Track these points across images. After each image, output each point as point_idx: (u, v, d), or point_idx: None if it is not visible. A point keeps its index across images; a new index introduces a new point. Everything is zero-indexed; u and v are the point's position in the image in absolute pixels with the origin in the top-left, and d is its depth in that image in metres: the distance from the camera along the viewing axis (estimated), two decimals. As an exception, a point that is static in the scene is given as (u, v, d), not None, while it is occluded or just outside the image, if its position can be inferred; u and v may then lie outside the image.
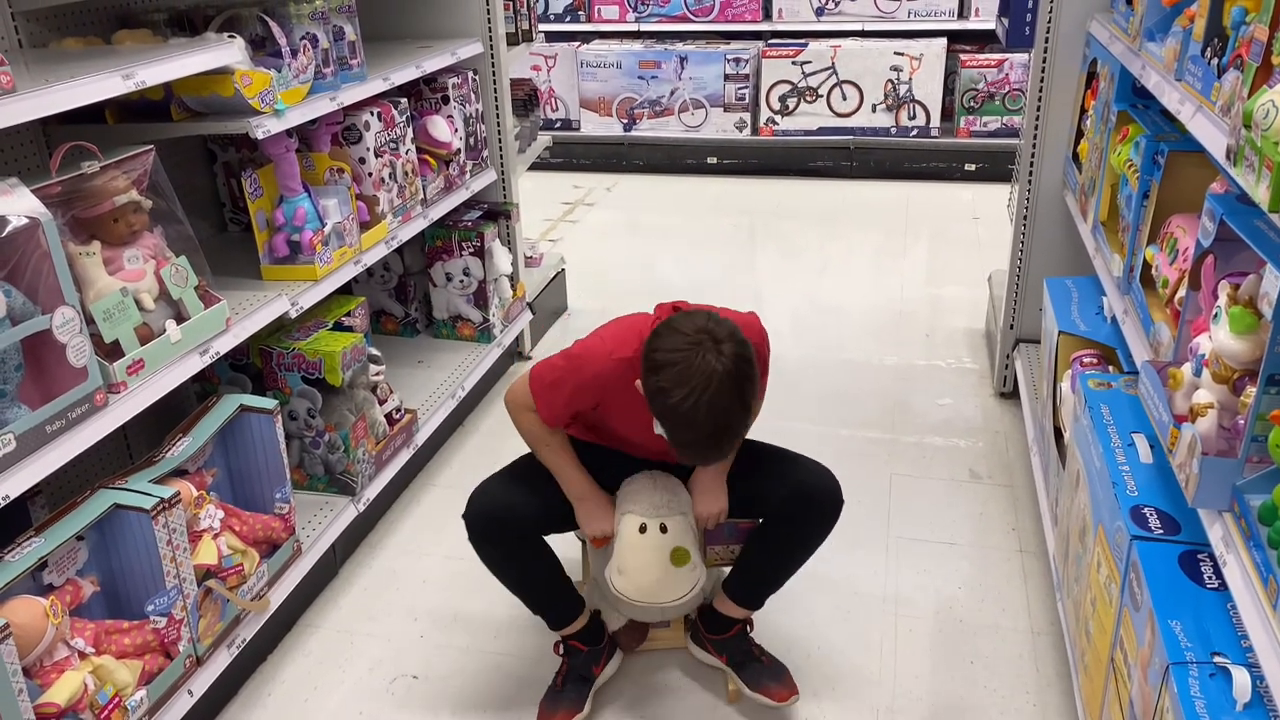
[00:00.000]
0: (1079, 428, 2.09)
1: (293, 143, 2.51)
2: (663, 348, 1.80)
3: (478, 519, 2.09)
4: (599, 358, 2.01)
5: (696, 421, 1.77)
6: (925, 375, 3.79)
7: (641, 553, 2.05)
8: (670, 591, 2.06)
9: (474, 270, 3.42)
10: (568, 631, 2.23)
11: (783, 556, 2.18)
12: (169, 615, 1.95)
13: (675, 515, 2.08)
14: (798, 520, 2.12)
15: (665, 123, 6.30)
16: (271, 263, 2.54)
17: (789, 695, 2.17)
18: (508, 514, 2.07)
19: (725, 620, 2.25)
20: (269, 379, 2.54)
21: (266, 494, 2.33)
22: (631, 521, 2.07)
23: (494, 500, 2.10)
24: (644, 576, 2.04)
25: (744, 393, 1.80)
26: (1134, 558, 1.61)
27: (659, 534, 2.05)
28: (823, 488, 2.11)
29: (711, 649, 2.27)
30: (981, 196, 5.78)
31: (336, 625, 2.54)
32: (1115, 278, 2.34)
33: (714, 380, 1.75)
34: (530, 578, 2.16)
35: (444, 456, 3.27)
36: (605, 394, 2.03)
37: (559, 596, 2.21)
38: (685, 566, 2.05)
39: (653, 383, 1.81)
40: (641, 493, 2.10)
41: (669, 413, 1.80)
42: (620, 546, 2.08)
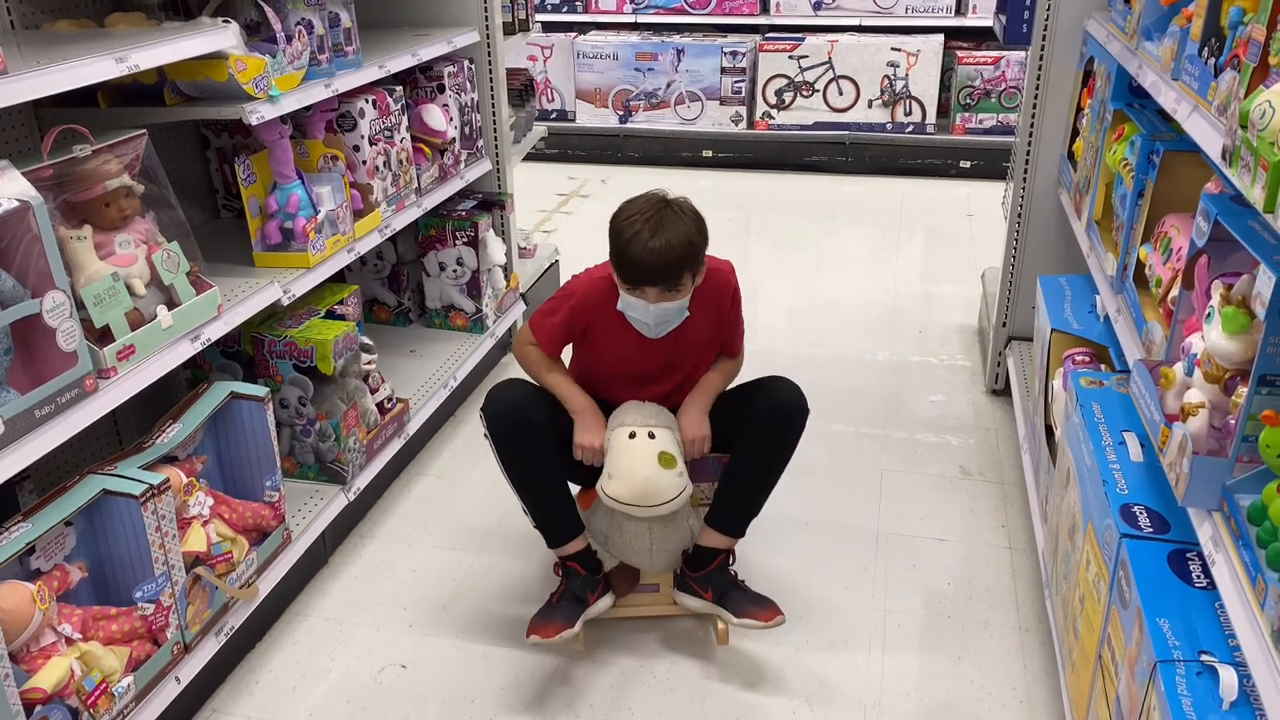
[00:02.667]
0: (1070, 426, 2.10)
1: (287, 129, 2.50)
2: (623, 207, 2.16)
3: (497, 414, 2.22)
4: (583, 280, 2.33)
5: (648, 236, 2.03)
6: (918, 371, 3.79)
7: (630, 455, 2.17)
8: (659, 493, 2.15)
9: (467, 260, 3.41)
10: (566, 551, 2.30)
11: (758, 474, 2.29)
12: (157, 602, 1.94)
13: (662, 428, 2.22)
14: (768, 435, 2.24)
15: (661, 115, 6.29)
16: (264, 249, 2.53)
17: (773, 616, 2.23)
18: (528, 403, 2.22)
19: (708, 554, 2.32)
20: (260, 366, 2.53)
21: (256, 482, 2.32)
22: (622, 432, 2.21)
23: (514, 395, 2.25)
24: (633, 476, 2.15)
25: (695, 215, 2.12)
26: (1123, 556, 1.62)
27: (646, 439, 2.18)
28: (788, 401, 2.25)
29: (696, 587, 2.33)
30: (976, 193, 5.78)
31: (326, 614, 2.54)
32: (1109, 276, 2.34)
33: (663, 201, 2.11)
34: (537, 481, 2.26)
35: (435, 447, 3.26)
36: (592, 311, 2.26)
37: (562, 509, 2.30)
38: (672, 470, 2.16)
39: (613, 227, 2.12)
40: (630, 410, 2.26)
41: (624, 233, 2.07)
42: (611, 454, 2.20)
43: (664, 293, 2.12)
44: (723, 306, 2.33)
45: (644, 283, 2.11)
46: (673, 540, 2.35)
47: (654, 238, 2.05)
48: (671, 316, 2.18)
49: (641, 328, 2.22)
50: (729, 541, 2.34)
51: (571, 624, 2.21)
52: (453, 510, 2.96)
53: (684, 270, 2.11)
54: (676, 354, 2.32)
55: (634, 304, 2.16)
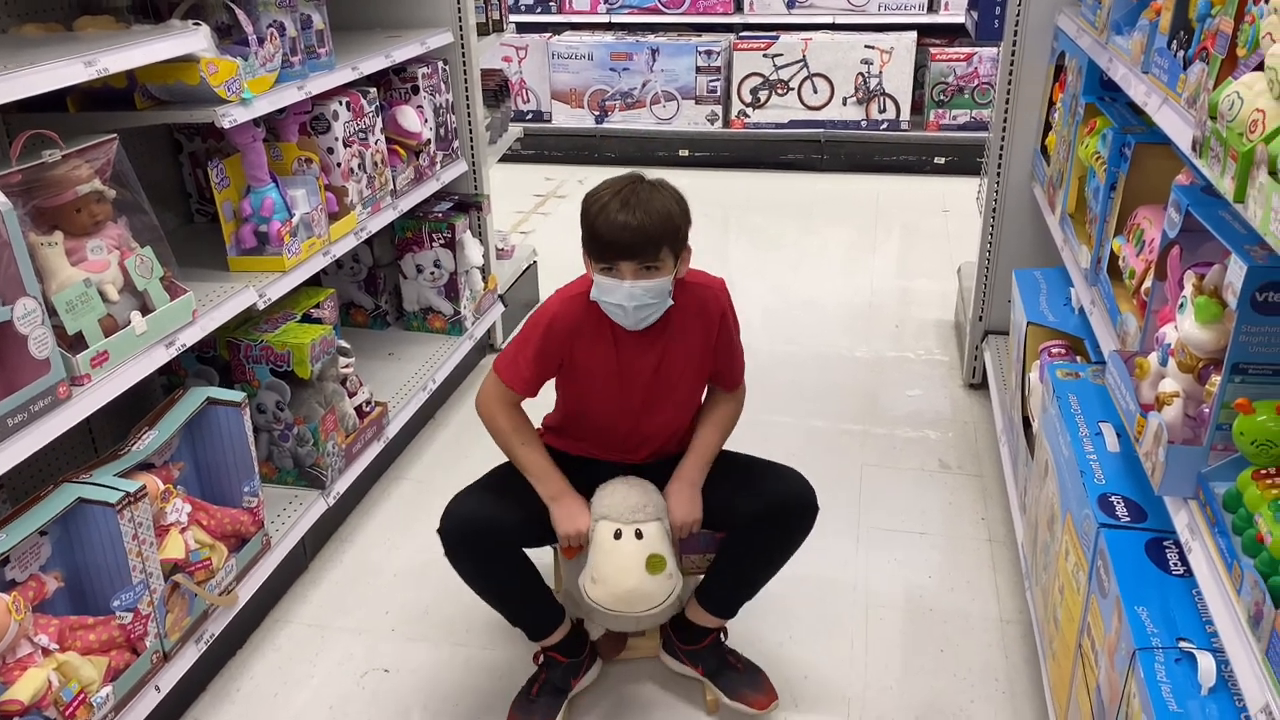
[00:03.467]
0: (1047, 417, 2.11)
1: (260, 132, 2.48)
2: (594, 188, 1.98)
3: (455, 533, 2.03)
4: (551, 305, 2.08)
5: (619, 206, 1.87)
6: (895, 367, 3.81)
7: (616, 559, 1.98)
8: (646, 600, 2.00)
9: (445, 262, 3.40)
10: (548, 643, 2.18)
11: (757, 565, 2.14)
12: (135, 611, 1.93)
13: (651, 521, 2.01)
14: (772, 529, 2.08)
15: (637, 115, 6.29)
16: (238, 254, 2.51)
17: (768, 702, 2.15)
18: (486, 525, 2.01)
19: (699, 630, 2.21)
20: (237, 371, 2.51)
21: (234, 487, 2.30)
22: (606, 528, 2.00)
23: (471, 512, 2.04)
24: (619, 584, 1.98)
25: (674, 191, 1.96)
26: (1101, 545, 1.63)
27: (634, 540, 1.99)
28: (797, 495, 2.07)
29: (685, 659, 2.23)
30: (951, 189, 5.81)
31: (307, 620, 2.52)
32: (1083, 269, 2.36)
33: (638, 178, 1.95)
34: (509, 590, 2.11)
35: (415, 450, 3.25)
36: (570, 337, 2.04)
37: (538, 608, 2.16)
38: (661, 574, 1.99)
39: (583, 206, 1.95)
40: (616, 496, 2.04)
41: (593, 206, 1.91)
42: (594, 554, 2.01)
43: (640, 269, 1.90)
44: (711, 326, 2.10)
45: (617, 255, 1.89)
46: (662, 614, 2.19)
47: (625, 207, 1.87)
48: (651, 300, 1.93)
49: (618, 315, 1.96)
50: (719, 622, 2.21)
51: (551, 718, 2.13)
52: (433, 514, 2.89)
53: (661, 243, 1.89)
54: (663, 372, 2.08)
55: (608, 285, 1.92)
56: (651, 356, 2.06)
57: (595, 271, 1.95)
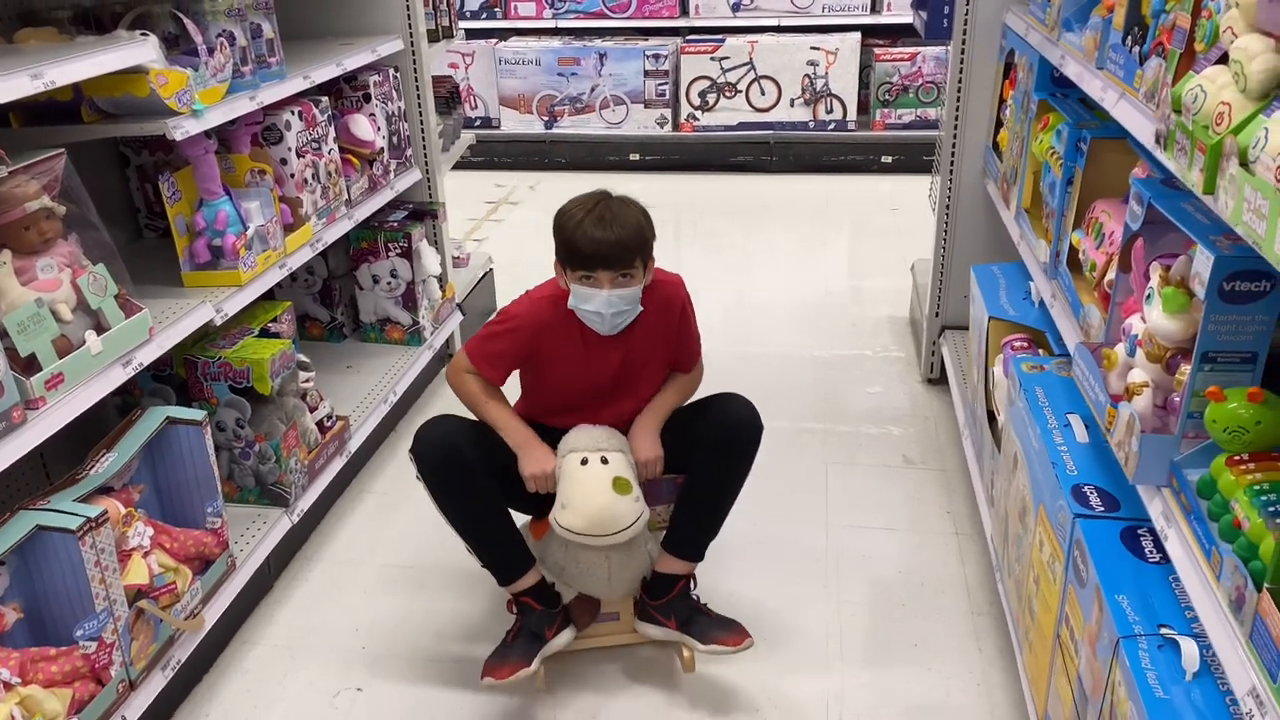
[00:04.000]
0: (1014, 411, 2.13)
1: (211, 144, 2.43)
2: (564, 205, 2.13)
3: (428, 445, 2.13)
4: (523, 304, 2.25)
5: (594, 220, 2.02)
6: (854, 365, 3.84)
7: (584, 483, 2.09)
8: (615, 520, 2.08)
9: (402, 271, 3.35)
10: (519, 587, 2.21)
11: (717, 494, 2.23)
12: (99, 639, 1.87)
13: (614, 451, 2.14)
14: (725, 450, 2.18)
15: (586, 120, 6.28)
16: (192, 269, 2.45)
17: (741, 639, 2.18)
18: (460, 439, 2.11)
19: (669, 580, 2.25)
20: (194, 389, 2.45)
21: (197, 508, 2.25)
22: (573, 459, 2.12)
23: (439, 435, 2.14)
24: (588, 505, 2.07)
25: (640, 207, 2.11)
26: (1078, 535, 1.65)
27: (600, 465, 2.10)
28: (740, 412, 2.21)
29: (659, 615, 2.26)
30: (899, 188, 5.88)
31: (274, 640, 2.47)
32: (1041, 263, 2.39)
33: (605, 194, 2.10)
34: (480, 516, 2.17)
35: (377, 464, 3.20)
36: (537, 335, 2.19)
37: (510, 545, 2.21)
38: (628, 495, 2.08)
39: (556, 222, 2.10)
40: (579, 434, 2.17)
41: (568, 223, 2.06)
42: (563, 483, 2.11)
43: (617, 278, 2.07)
44: (672, 319, 2.27)
45: (596, 265, 2.05)
46: (631, 567, 2.24)
47: (601, 221, 2.04)
48: (626, 307, 2.11)
49: (595, 322, 2.12)
50: (688, 566, 2.26)
51: (528, 662, 2.12)
52: (400, 527, 2.90)
53: (635, 253, 2.07)
54: (627, 368, 2.25)
55: (586, 294, 2.09)
56: (617, 351, 2.22)
57: (573, 281, 2.11)
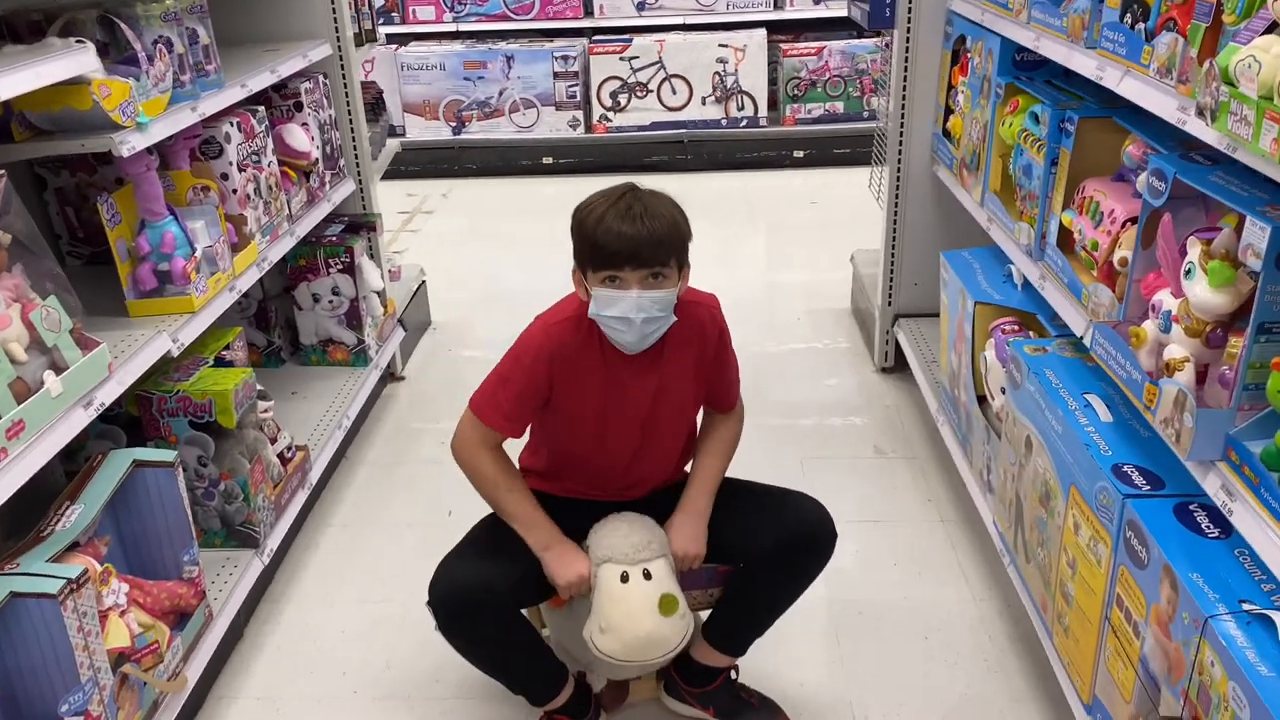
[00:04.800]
0: (1022, 394, 2.12)
1: (153, 160, 2.23)
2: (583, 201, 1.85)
3: (448, 602, 1.83)
4: (535, 335, 1.93)
5: (621, 211, 1.75)
6: (806, 358, 3.82)
7: (626, 604, 1.82)
8: (661, 645, 1.84)
9: (344, 289, 3.18)
10: (552, 707, 2.03)
11: (773, 600, 2.03)
12: (86, 713, 1.67)
13: (657, 559, 1.86)
14: (791, 563, 1.96)
15: (496, 124, 6.12)
16: (138, 296, 2.25)
17: None
18: (481, 591, 1.82)
19: (707, 670, 2.08)
20: (149, 428, 2.25)
21: (169, 558, 2.06)
22: (611, 571, 1.84)
23: (463, 578, 1.85)
24: (632, 632, 1.81)
25: (671, 198, 1.84)
26: (1131, 516, 1.63)
27: (643, 581, 1.83)
28: (817, 524, 1.98)
29: (695, 702, 2.09)
30: (813, 182, 5.92)
31: (254, 693, 2.28)
32: (1024, 245, 2.40)
33: (630, 186, 1.83)
34: (511, 657, 1.94)
35: (334, 493, 3.02)
36: (557, 364, 1.89)
37: (542, 672, 2.00)
38: (675, 615, 1.83)
39: (576, 219, 1.82)
40: (615, 535, 1.88)
41: (589, 217, 1.77)
42: (601, 601, 1.84)
43: (647, 278, 1.76)
44: (707, 346, 1.99)
45: (623, 262, 1.74)
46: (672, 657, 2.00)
47: (628, 213, 1.74)
48: (658, 314, 1.79)
49: (621, 333, 1.81)
50: (729, 661, 2.08)
51: None
52: (369, 558, 2.74)
53: (669, 250, 1.77)
54: (658, 404, 1.95)
55: (612, 298, 1.77)
56: (647, 383, 1.93)
57: (595, 285, 1.80)
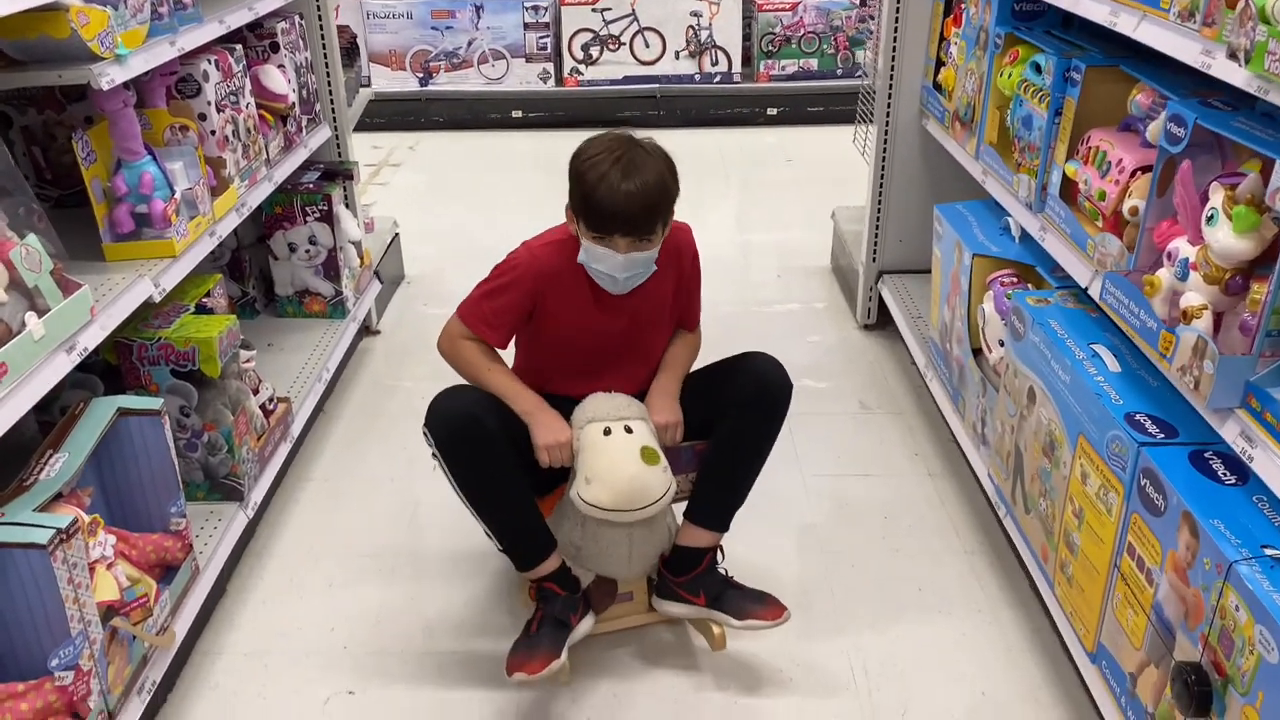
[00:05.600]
0: (1025, 345, 2.11)
1: (130, 96, 2.12)
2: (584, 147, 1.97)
3: (445, 418, 1.94)
4: (522, 255, 2.09)
5: (619, 177, 1.84)
6: (787, 316, 3.79)
7: (609, 454, 1.94)
8: (645, 493, 1.93)
9: (322, 238, 3.08)
10: (542, 571, 2.04)
11: (744, 458, 2.10)
12: (76, 668, 1.61)
13: (637, 419, 2.00)
14: (753, 410, 2.07)
15: (465, 76, 5.98)
16: (114, 239, 2.15)
17: (780, 612, 2.05)
18: (478, 410, 1.94)
19: (693, 554, 2.11)
20: (129, 377, 2.17)
21: (154, 509, 1.99)
22: (594, 428, 1.97)
23: (461, 400, 1.97)
24: (616, 477, 1.92)
25: (665, 156, 1.95)
26: (1146, 464, 1.63)
27: (625, 434, 1.96)
28: (771, 370, 2.10)
29: (684, 592, 2.11)
30: (787, 139, 5.88)
31: (241, 648, 2.22)
32: (1023, 198, 2.38)
33: (630, 140, 1.92)
34: (504, 493, 1.98)
35: (313, 447, 2.94)
36: (542, 284, 2.04)
37: (532, 526, 2.03)
38: (657, 466, 1.95)
39: (575, 169, 1.93)
40: (596, 401, 2.03)
41: (589, 174, 1.88)
42: (586, 455, 1.96)
43: (635, 242, 1.93)
44: (684, 268, 2.17)
45: (616, 230, 1.91)
46: (653, 543, 2.11)
47: (626, 179, 1.86)
48: (640, 269, 1.99)
49: (605, 281, 2.01)
50: (714, 538, 2.13)
51: (557, 653, 1.94)
52: (351, 514, 2.67)
53: (658, 217, 1.93)
54: (637, 321, 2.12)
55: (600, 254, 1.95)
56: (629, 301, 2.08)
57: (586, 238, 1.96)
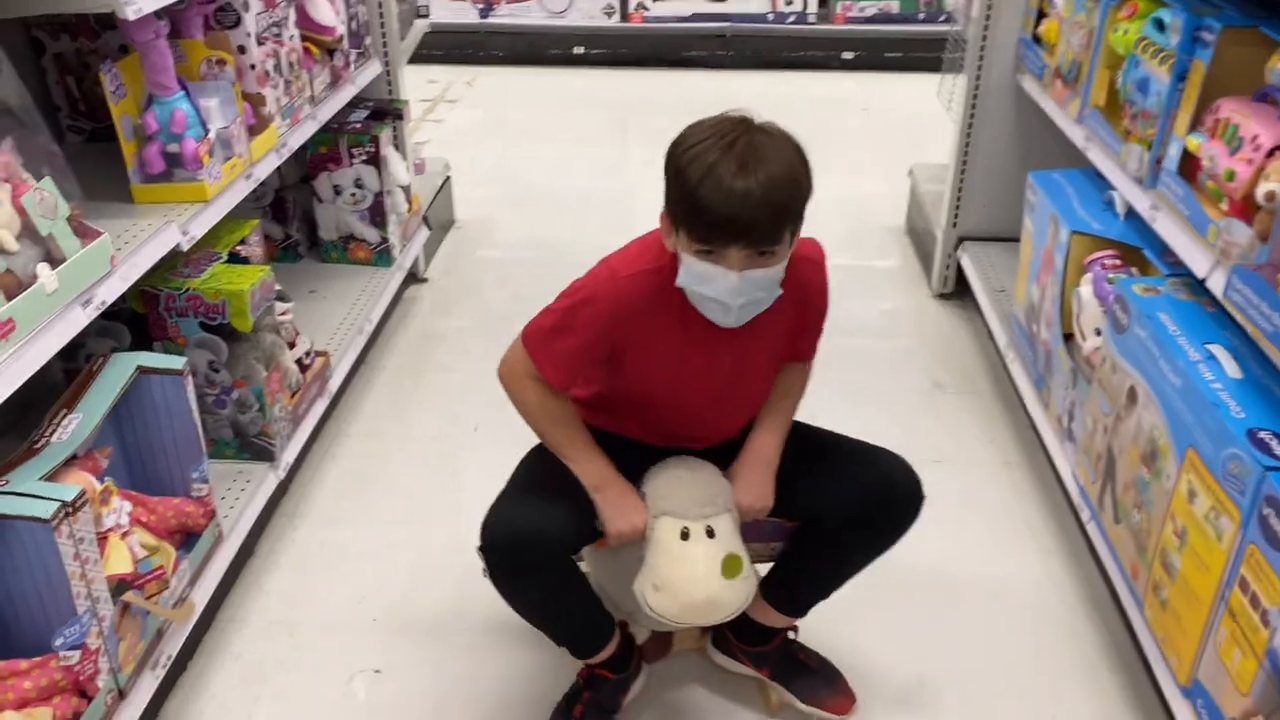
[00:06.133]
0: (1128, 339, 1.90)
1: (163, 26, 1.97)
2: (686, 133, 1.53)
3: (501, 549, 1.61)
4: (604, 285, 1.62)
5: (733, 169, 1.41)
6: (857, 279, 3.58)
7: (686, 566, 1.61)
8: (720, 610, 1.64)
9: (368, 181, 2.93)
10: (598, 659, 1.82)
11: (843, 563, 1.81)
12: (83, 647, 1.51)
13: (722, 514, 1.65)
14: (868, 526, 1.73)
15: (526, 8, 5.75)
16: (144, 181, 2.02)
17: (849, 705, 1.86)
18: (536, 537, 1.60)
19: (765, 630, 1.89)
20: (155, 328, 2.05)
21: (175, 473, 1.88)
22: (670, 526, 1.63)
23: (517, 523, 1.61)
24: (690, 595, 1.61)
25: (795, 143, 1.51)
26: (1271, 491, 1.43)
27: (705, 539, 1.62)
28: (901, 487, 1.72)
29: (748, 662, 1.91)
30: (863, 87, 5.60)
31: (267, 617, 2.12)
32: (1132, 170, 2.14)
33: (745, 121, 1.49)
34: (562, 608, 1.73)
35: (353, 401, 2.83)
36: (624, 329, 1.61)
37: (593, 624, 1.79)
38: (738, 577, 1.63)
39: (673, 161, 1.50)
40: (676, 485, 1.67)
41: (692, 167, 1.44)
42: (658, 558, 1.63)
43: (754, 256, 1.47)
44: (808, 305, 1.72)
45: (728, 239, 1.45)
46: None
47: (743, 172, 1.41)
48: (760, 293, 1.52)
49: (713, 311, 1.54)
50: (789, 622, 1.89)
51: None
52: (390, 475, 2.56)
53: (784, 221, 1.47)
54: (742, 369, 1.70)
55: (707, 274, 1.49)
56: (732, 349, 1.66)
57: (689, 252, 1.50)
